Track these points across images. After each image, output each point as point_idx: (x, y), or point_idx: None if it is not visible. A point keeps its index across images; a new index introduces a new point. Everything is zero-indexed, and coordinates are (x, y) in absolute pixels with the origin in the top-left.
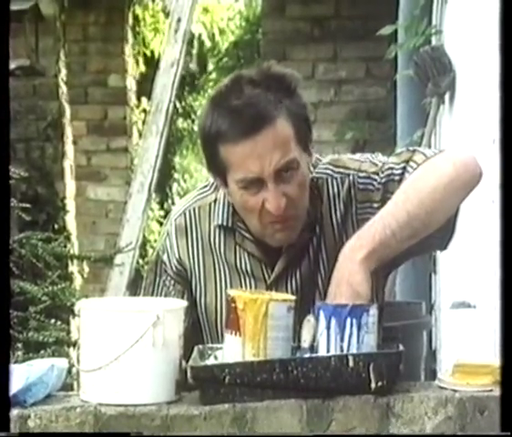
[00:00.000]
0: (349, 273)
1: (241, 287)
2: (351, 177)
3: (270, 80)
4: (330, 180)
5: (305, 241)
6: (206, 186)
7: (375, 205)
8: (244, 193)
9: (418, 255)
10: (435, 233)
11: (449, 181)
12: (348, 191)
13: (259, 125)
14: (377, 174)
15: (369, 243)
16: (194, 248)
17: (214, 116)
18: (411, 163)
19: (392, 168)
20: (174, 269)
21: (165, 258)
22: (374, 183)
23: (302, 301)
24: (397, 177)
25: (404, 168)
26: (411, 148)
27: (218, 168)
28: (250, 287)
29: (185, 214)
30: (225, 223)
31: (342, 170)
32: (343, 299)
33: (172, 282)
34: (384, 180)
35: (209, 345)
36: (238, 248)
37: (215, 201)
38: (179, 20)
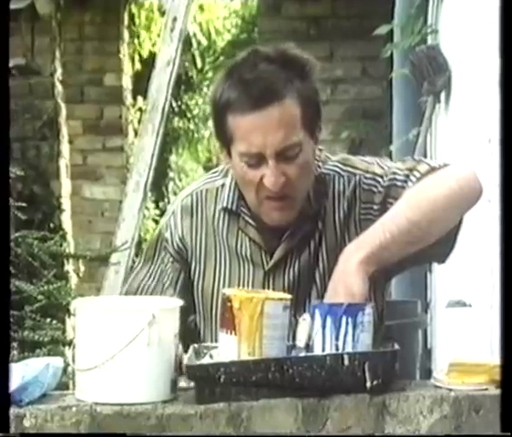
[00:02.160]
0: (346, 274)
1: (240, 272)
2: (357, 177)
3: (285, 60)
4: (337, 178)
5: (306, 233)
6: (215, 171)
7: (376, 207)
8: (245, 166)
9: (418, 265)
10: (435, 246)
11: (450, 194)
12: (353, 191)
13: (267, 99)
14: (382, 177)
15: (368, 245)
16: (198, 229)
17: (225, 85)
18: (414, 172)
19: (395, 174)
20: (175, 246)
21: (167, 234)
22: (378, 185)
23: (298, 294)
24: (399, 184)
25: (408, 176)
26: (417, 158)
27: (224, 138)
28: (249, 272)
29: (192, 195)
30: (230, 206)
31: (350, 169)
32: (338, 299)
33: (171, 260)
34: (386, 184)
35: (205, 344)
36: (240, 232)
37: (223, 186)
38: (174, 19)
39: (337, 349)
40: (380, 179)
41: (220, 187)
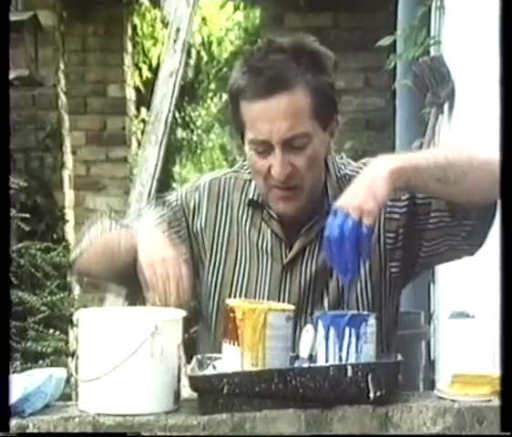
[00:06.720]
0: (372, 178)
1: (259, 266)
2: None
3: (298, 50)
4: None
5: (323, 228)
6: (245, 164)
7: (400, 204)
8: (254, 154)
9: (447, 261)
10: (468, 236)
11: (485, 161)
12: None
13: (274, 88)
14: None
15: (403, 160)
16: (222, 216)
17: (239, 73)
18: None
19: None
20: (194, 229)
21: (191, 203)
22: None
23: (313, 296)
24: None
25: None
26: None
27: (239, 125)
28: (267, 267)
29: (220, 179)
30: (256, 198)
31: None
32: (357, 198)
33: (187, 234)
34: None
35: (208, 355)
36: (263, 225)
37: (250, 180)
38: (177, 30)
39: (340, 360)
40: None
41: (248, 180)
